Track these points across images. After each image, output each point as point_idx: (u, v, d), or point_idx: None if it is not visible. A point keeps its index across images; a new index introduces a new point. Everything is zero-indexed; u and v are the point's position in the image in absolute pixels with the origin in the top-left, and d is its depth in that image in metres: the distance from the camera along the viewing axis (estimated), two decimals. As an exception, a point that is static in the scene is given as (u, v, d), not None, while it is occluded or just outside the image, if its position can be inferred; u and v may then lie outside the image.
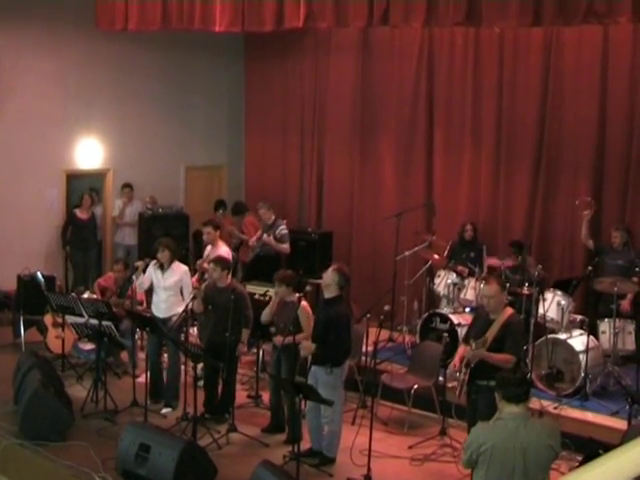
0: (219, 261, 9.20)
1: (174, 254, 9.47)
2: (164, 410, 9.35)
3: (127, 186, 13.70)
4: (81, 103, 13.24)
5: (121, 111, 13.74)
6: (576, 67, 11.03)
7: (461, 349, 7.56)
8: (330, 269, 7.98)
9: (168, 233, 12.62)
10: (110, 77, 13.53)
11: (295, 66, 14.30)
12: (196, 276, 10.37)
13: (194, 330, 10.77)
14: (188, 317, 9.32)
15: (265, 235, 11.97)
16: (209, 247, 10.74)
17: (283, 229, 12.08)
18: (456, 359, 7.46)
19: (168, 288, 9.42)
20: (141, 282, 9.72)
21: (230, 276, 9.44)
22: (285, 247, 12.04)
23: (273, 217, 12.15)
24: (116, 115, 13.70)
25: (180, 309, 9.17)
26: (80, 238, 13.18)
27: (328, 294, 7.96)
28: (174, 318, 9.20)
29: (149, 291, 10.00)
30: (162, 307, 9.47)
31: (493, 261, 10.76)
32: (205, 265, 10.18)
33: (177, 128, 14.49)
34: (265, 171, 14.88)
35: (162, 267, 9.45)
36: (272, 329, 8.64)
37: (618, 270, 9.83)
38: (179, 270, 9.48)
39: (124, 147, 13.83)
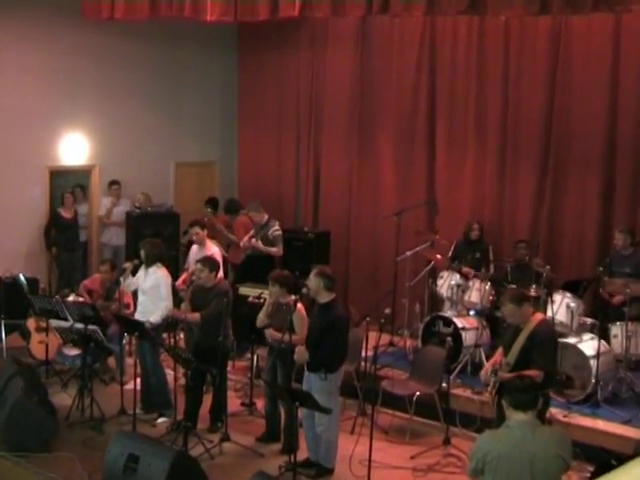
0: (207, 261, 9.18)
1: (152, 256, 9.39)
2: (159, 420, 9.31)
3: (115, 183, 13.64)
4: (66, 97, 13.16)
5: (108, 105, 13.66)
6: (586, 57, 10.97)
7: (498, 351, 7.54)
8: (312, 275, 7.93)
9: (158, 233, 12.59)
10: (97, 70, 13.45)
11: (290, 58, 14.25)
12: (182, 279, 10.33)
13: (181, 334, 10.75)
14: (175, 321, 9.29)
15: (254, 239, 11.85)
16: (194, 248, 10.72)
17: (276, 230, 11.95)
18: (488, 365, 7.43)
19: (145, 291, 9.40)
20: (129, 283, 9.68)
21: (221, 276, 9.41)
22: (275, 250, 11.84)
23: (266, 217, 12.06)
24: (103, 109, 13.63)
25: (152, 318, 9.15)
26: (65, 238, 13.13)
27: (321, 299, 7.93)
28: (147, 324, 9.13)
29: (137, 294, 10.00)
30: (139, 310, 9.48)
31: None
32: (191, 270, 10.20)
33: (167, 123, 14.44)
34: (259, 168, 14.83)
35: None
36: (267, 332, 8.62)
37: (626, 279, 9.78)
38: (157, 275, 9.38)
39: (111, 143, 13.76)
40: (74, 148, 13.45)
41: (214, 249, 10.53)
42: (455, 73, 12.16)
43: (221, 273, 9.62)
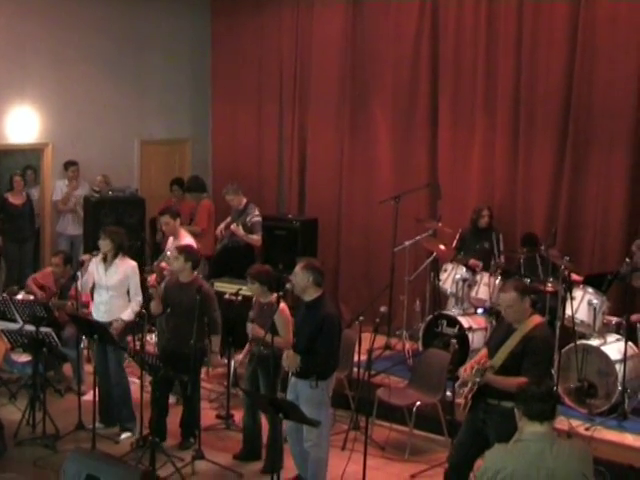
0: (183, 249, 9.16)
1: (119, 246, 9.33)
2: (123, 436, 9.31)
3: (72, 164, 13.59)
4: (13, 65, 13.10)
5: (62, 74, 13.62)
6: (612, 16, 10.90)
7: (482, 353, 7.51)
8: (298, 269, 7.85)
9: (120, 221, 12.54)
10: (48, 33, 13.40)
11: (272, 20, 14.23)
12: (154, 276, 10.32)
13: (152, 337, 10.72)
14: (144, 321, 9.26)
15: (234, 224, 11.86)
16: (170, 240, 10.67)
17: (255, 216, 11.97)
18: (472, 362, 7.35)
19: (111, 287, 9.33)
20: (86, 279, 9.65)
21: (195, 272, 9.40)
22: (255, 238, 11.90)
23: (244, 201, 12.06)
24: (56, 79, 13.58)
25: (124, 315, 9.14)
26: (14, 228, 13.12)
27: (308, 297, 7.89)
28: (115, 324, 9.12)
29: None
30: (101, 309, 9.39)
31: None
32: (163, 265, 10.16)
33: (130, 94, 14.43)
34: (236, 146, 14.83)
35: (105, 260, 9.37)
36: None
37: None
38: (125, 266, 9.35)
39: (65, 117, 13.72)
40: (23, 124, 13.39)
41: (187, 239, 10.47)
42: (460, 38, 12.12)
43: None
